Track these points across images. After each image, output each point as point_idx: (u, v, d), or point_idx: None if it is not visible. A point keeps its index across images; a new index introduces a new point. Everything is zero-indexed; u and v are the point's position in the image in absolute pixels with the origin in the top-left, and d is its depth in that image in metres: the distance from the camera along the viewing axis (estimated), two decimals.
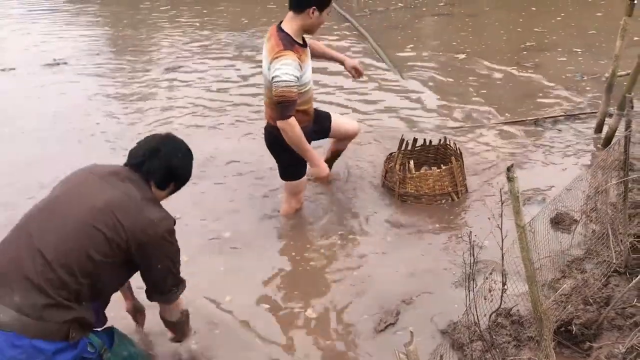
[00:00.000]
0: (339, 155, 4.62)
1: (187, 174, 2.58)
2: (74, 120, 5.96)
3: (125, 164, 2.46)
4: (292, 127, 3.59)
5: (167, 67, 7.53)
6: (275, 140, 3.84)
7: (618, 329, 2.98)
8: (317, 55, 4.04)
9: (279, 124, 3.61)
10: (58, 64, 7.85)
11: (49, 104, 6.45)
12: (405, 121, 5.70)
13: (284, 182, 4.15)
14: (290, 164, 3.97)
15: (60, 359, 2.12)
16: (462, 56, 7.36)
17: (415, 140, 4.74)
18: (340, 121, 4.34)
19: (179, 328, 2.70)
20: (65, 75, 7.42)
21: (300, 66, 3.55)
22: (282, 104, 3.54)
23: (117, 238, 2.18)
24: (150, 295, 2.48)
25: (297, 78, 3.53)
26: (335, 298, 3.46)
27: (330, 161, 4.52)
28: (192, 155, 2.61)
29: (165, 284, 2.41)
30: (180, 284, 2.49)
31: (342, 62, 4.17)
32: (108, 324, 2.48)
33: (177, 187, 2.58)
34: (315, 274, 3.70)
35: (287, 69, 3.47)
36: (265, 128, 3.97)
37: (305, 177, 4.11)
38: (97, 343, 2.26)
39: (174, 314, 2.58)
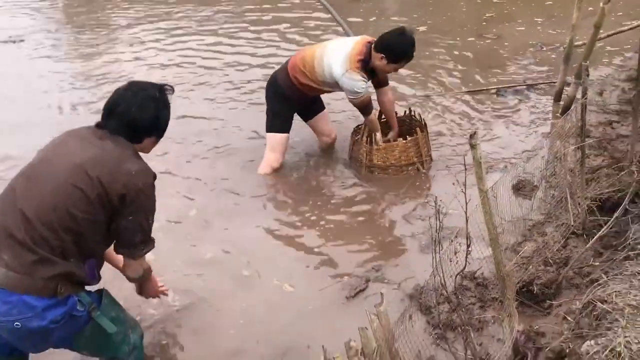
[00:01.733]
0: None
1: (154, 124, 2.42)
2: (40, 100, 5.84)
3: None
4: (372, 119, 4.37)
5: (130, 42, 7.39)
6: (273, 90, 4.38)
7: (576, 287, 3.13)
8: (382, 110, 4.58)
9: (365, 119, 4.35)
10: (14, 41, 7.63)
11: (8, 84, 6.29)
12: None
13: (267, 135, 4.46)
14: (277, 115, 4.39)
15: (50, 315, 2.17)
16: (423, 28, 7.43)
17: (380, 112, 4.81)
18: (325, 120, 4.71)
19: (140, 283, 2.67)
20: (25, 52, 7.23)
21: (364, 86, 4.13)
22: (366, 106, 4.23)
23: (96, 194, 2.20)
24: (116, 247, 2.42)
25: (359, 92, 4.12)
26: (305, 268, 3.55)
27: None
28: (153, 103, 2.39)
29: (134, 238, 2.35)
30: (149, 242, 2.43)
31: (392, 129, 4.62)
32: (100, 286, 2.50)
33: (157, 136, 2.48)
34: (284, 246, 3.77)
35: (361, 84, 4.08)
36: (272, 77, 4.45)
37: (286, 136, 4.42)
38: (87, 301, 2.29)
39: (135, 271, 2.51)
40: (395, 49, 4.04)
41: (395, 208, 4.07)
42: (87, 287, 2.38)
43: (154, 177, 2.38)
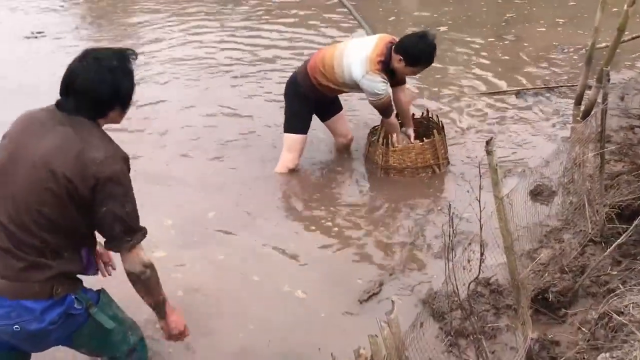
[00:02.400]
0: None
1: (114, 96, 2.21)
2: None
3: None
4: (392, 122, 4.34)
5: (148, 40, 7.43)
6: (294, 89, 4.35)
7: (592, 296, 3.08)
8: (397, 108, 4.42)
9: (384, 120, 4.33)
10: (36, 37, 7.71)
11: (34, 73, 6.34)
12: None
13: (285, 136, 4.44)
14: (296, 115, 4.36)
15: (49, 317, 2.15)
16: (444, 28, 7.37)
17: (397, 114, 4.77)
18: (343, 120, 4.67)
19: (145, 286, 2.31)
20: (47, 46, 7.29)
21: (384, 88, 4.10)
22: (387, 108, 4.20)
23: (66, 191, 2.09)
24: (105, 243, 2.29)
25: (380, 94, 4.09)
26: (320, 271, 3.53)
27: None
28: (110, 73, 2.17)
29: (113, 229, 2.18)
30: (133, 232, 2.21)
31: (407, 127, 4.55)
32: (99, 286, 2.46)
33: (122, 107, 2.27)
34: (299, 248, 3.75)
35: (381, 85, 4.05)
36: (292, 76, 4.43)
37: (303, 137, 4.39)
38: (84, 298, 2.25)
39: (132, 266, 2.25)
40: (414, 52, 4.00)
41: (410, 212, 4.03)
42: (86, 284, 2.34)
43: (125, 159, 2.21)
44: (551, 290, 3.04)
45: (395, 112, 4.33)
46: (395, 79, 4.25)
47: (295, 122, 4.39)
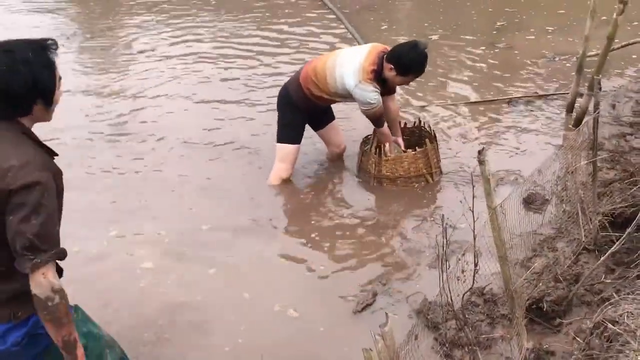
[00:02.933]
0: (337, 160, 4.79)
1: (31, 90, 2.02)
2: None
3: None
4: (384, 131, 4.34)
5: (141, 50, 7.41)
6: (287, 99, 4.33)
7: (587, 305, 3.08)
8: (386, 117, 4.35)
9: (376, 130, 4.33)
10: None
11: None
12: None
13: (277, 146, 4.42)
14: (288, 125, 4.35)
15: (12, 338, 2.07)
16: (435, 37, 7.39)
17: (405, 125, 4.77)
18: (335, 130, 4.68)
19: (51, 315, 2.00)
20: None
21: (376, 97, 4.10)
22: (378, 118, 4.20)
23: None
24: None
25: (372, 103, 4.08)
26: (312, 281, 3.51)
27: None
28: (24, 66, 2.00)
29: (15, 244, 1.94)
30: (37, 250, 1.93)
31: (396, 137, 4.53)
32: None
33: (44, 102, 2.08)
34: (290, 261, 3.72)
35: (373, 95, 4.05)
36: (284, 87, 4.41)
37: (296, 147, 4.38)
38: None
39: (37, 288, 1.96)
40: (405, 61, 4.00)
41: (403, 221, 4.03)
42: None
43: (43, 170, 2.00)
44: (545, 299, 3.02)
45: (384, 120, 4.31)
46: (386, 88, 4.25)
47: (288, 132, 4.37)
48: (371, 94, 4.02)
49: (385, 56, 4.06)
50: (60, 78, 2.12)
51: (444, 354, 2.84)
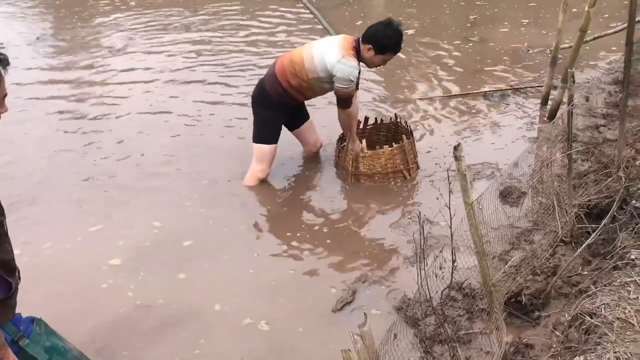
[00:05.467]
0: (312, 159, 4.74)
1: None
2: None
3: None
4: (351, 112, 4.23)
5: (113, 49, 7.29)
6: (264, 95, 4.21)
7: (565, 297, 3.09)
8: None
9: (343, 112, 4.19)
10: None
11: None
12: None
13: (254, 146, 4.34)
14: (265, 124, 4.28)
15: None
16: (411, 31, 7.39)
17: (366, 119, 4.76)
18: (311, 129, 4.63)
19: None
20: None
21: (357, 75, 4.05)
22: (349, 98, 4.10)
23: None
24: None
25: (353, 81, 4.02)
26: (291, 279, 3.48)
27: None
28: None
29: None
30: None
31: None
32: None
33: None
34: (269, 259, 3.69)
35: (355, 72, 3.99)
36: (259, 84, 4.29)
37: (273, 147, 4.31)
38: (11, 330, 2.11)
39: None
40: (382, 39, 3.98)
41: (381, 218, 4.01)
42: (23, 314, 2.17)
43: None
44: (524, 293, 3.04)
45: (350, 104, 4.17)
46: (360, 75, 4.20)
47: (265, 132, 4.31)
48: (354, 70, 3.98)
49: (361, 38, 4.04)
50: (5, 95, 1.99)
51: (424, 351, 2.83)
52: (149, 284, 3.46)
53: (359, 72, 4.08)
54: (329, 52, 4.00)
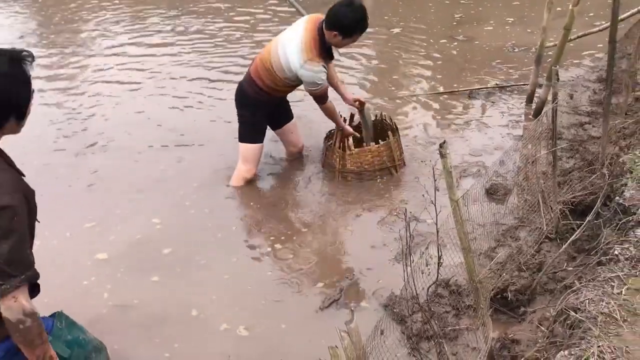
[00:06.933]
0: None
1: (5, 106, 1.96)
2: None
3: None
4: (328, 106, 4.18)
5: (99, 47, 7.25)
6: (243, 95, 4.21)
7: (550, 293, 3.12)
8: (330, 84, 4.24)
9: (321, 107, 4.15)
10: None
11: None
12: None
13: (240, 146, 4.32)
14: (249, 124, 4.27)
15: None
16: (397, 30, 7.41)
17: (352, 116, 4.76)
18: (294, 129, 4.60)
19: (24, 336, 2.01)
20: None
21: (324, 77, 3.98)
22: (323, 95, 4.06)
23: None
24: None
25: (320, 84, 3.97)
26: (278, 278, 3.48)
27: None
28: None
29: None
30: (7, 276, 1.93)
31: (342, 96, 4.48)
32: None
33: (17, 117, 2.02)
34: (255, 257, 3.69)
35: (322, 75, 3.92)
36: (239, 85, 4.27)
37: (259, 146, 4.31)
38: None
39: (8, 312, 1.96)
40: (347, 23, 3.84)
41: (368, 215, 4.01)
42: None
43: (15, 192, 1.97)
44: (510, 289, 3.06)
45: (327, 98, 4.14)
46: (331, 56, 4.13)
47: (250, 132, 4.29)
48: (319, 74, 3.89)
49: (324, 24, 3.89)
50: (34, 91, 2.05)
51: (411, 347, 2.85)
52: (125, 284, 3.45)
53: (327, 69, 4.00)
54: (292, 54, 3.90)
